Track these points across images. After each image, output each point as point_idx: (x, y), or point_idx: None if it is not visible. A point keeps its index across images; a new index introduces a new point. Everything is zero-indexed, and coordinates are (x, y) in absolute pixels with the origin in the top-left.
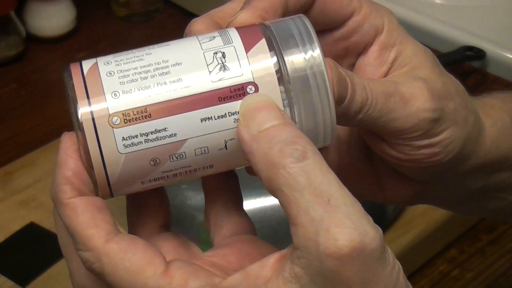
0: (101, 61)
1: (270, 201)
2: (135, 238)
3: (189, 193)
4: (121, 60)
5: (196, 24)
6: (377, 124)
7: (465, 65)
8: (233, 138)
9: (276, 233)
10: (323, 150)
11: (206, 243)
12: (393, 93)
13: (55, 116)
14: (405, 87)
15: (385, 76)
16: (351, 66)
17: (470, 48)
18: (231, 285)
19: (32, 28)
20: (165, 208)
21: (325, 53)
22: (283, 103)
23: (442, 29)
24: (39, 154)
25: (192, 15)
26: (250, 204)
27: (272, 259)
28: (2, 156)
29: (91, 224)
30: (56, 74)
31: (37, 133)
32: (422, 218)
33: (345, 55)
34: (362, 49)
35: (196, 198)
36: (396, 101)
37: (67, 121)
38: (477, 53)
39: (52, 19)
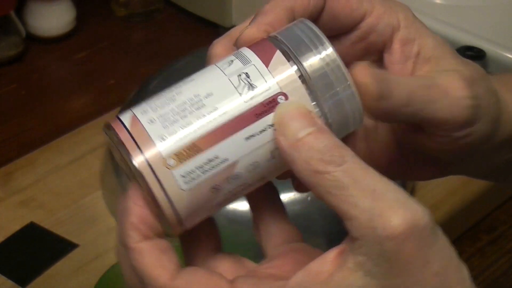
0: (138, 111)
1: None
2: (196, 269)
3: None
4: (156, 106)
5: (216, 47)
6: (421, 116)
7: None
8: (277, 147)
9: None
10: (352, 139)
11: None
12: (431, 85)
13: (55, 116)
14: (441, 79)
15: (412, 70)
16: (374, 62)
17: (470, 48)
18: (296, 284)
19: (32, 28)
20: (215, 230)
21: (345, 55)
22: (312, 103)
23: (442, 29)
24: (39, 154)
25: (192, 15)
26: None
27: (331, 254)
28: (2, 156)
29: (157, 265)
30: (56, 74)
31: (37, 133)
32: None
33: (365, 54)
34: (381, 46)
35: None
36: (436, 92)
37: (67, 121)
38: (477, 53)
39: (52, 19)
